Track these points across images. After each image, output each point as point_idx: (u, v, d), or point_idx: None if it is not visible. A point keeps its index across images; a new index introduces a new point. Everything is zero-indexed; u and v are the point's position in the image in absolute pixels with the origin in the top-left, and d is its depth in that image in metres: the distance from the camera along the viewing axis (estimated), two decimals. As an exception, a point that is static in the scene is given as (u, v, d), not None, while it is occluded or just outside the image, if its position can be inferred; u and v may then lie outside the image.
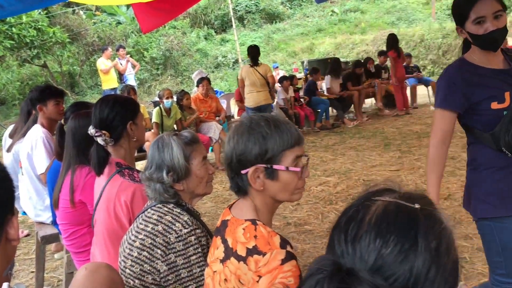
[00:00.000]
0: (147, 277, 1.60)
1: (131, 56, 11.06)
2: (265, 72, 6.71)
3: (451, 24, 14.05)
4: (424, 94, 10.16)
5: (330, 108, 8.98)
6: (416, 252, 0.68)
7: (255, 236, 1.22)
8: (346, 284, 0.65)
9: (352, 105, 9.14)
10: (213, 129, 6.51)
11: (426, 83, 9.93)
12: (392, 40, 8.80)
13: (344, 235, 0.72)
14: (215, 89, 9.91)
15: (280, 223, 4.14)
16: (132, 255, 1.63)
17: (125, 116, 2.02)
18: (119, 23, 17.99)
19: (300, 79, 10.35)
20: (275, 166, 1.26)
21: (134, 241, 1.64)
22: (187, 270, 1.59)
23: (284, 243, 1.20)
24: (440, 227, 0.71)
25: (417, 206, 0.71)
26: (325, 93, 9.11)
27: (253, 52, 6.82)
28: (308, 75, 9.22)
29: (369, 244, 0.69)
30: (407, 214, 0.70)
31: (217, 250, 1.31)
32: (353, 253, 0.70)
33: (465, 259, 3.08)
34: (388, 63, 9.43)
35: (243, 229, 1.25)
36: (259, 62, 6.81)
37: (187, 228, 1.61)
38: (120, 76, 10.04)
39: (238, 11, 19.36)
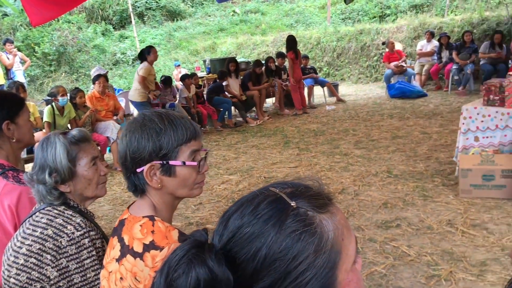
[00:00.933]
0: (35, 285, 1.49)
1: (19, 50, 10.24)
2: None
3: (345, 28, 14.88)
4: (320, 94, 10.65)
5: (232, 108, 9.08)
6: (263, 241, 0.67)
7: (153, 231, 1.20)
8: (199, 256, 0.65)
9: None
10: (111, 128, 6.26)
11: (322, 84, 10.42)
12: (291, 42, 9.09)
13: (222, 217, 0.73)
14: (114, 87, 9.54)
15: (182, 223, 4.10)
16: (17, 263, 1.51)
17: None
18: (5, 15, 16.57)
19: (202, 77, 10.32)
20: (171, 162, 1.24)
21: (20, 247, 1.52)
22: (80, 275, 1.51)
23: (182, 236, 1.19)
24: (307, 228, 0.68)
25: (292, 203, 0.70)
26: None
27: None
28: (217, 79, 9.20)
29: (232, 228, 0.69)
30: (277, 208, 0.69)
31: (113, 250, 1.26)
32: (221, 234, 0.70)
33: (357, 249, 3.27)
34: (287, 64, 9.74)
35: (140, 225, 1.22)
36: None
37: (80, 231, 1.53)
38: (7, 71, 9.25)
39: (138, 7, 18.79)
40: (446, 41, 10.55)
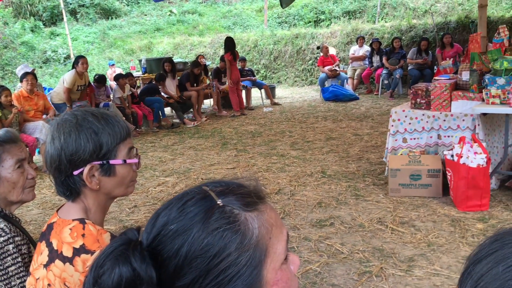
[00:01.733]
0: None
1: None
2: None
3: (281, 32, 15.13)
4: (257, 96, 10.75)
5: (169, 109, 8.96)
6: (186, 238, 0.67)
7: (83, 235, 1.15)
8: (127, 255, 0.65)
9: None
10: (40, 129, 5.97)
11: (259, 86, 10.53)
12: (229, 43, 9.12)
13: (154, 213, 0.72)
14: (43, 86, 9.10)
15: (116, 226, 3.98)
16: None
17: None
18: None
19: (137, 77, 10.10)
20: (111, 161, 1.21)
21: None
22: (4, 283, 1.43)
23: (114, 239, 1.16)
24: (230, 225, 0.68)
25: (219, 202, 0.70)
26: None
27: None
28: (154, 81, 9.03)
29: (159, 223, 0.69)
30: (205, 205, 0.69)
31: (40, 256, 1.20)
32: (151, 228, 0.70)
33: (293, 248, 3.34)
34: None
35: (70, 229, 1.17)
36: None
37: (3, 237, 1.45)
38: None
39: (70, 4, 18.07)
40: (378, 47, 11.02)
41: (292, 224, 3.75)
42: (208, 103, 10.54)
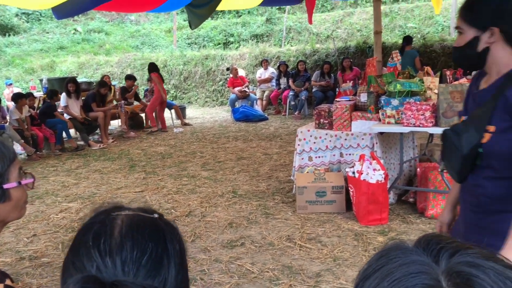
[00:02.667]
0: None
1: None
2: None
3: (191, 53, 15.15)
4: (167, 117, 10.61)
5: (73, 130, 8.53)
6: (168, 256, 0.71)
7: None
8: None
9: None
10: None
11: (169, 106, 10.41)
12: (154, 66, 9.72)
13: (98, 250, 0.70)
14: None
15: (11, 259, 3.67)
16: None
17: None
18: None
19: (38, 98, 9.51)
20: (5, 186, 1.12)
21: None
22: None
23: (3, 276, 1.06)
24: (177, 232, 0.76)
25: (156, 215, 0.75)
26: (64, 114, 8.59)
27: None
28: (46, 98, 8.55)
29: (127, 255, 0.69)
30: (152, 223, 0.73)
31: None
32: (113, 266, 0.68)
33: (204, 271, 3.29)
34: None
35: None
36: None
37: None
38: None
39: (-40, 17, 16.73)
40: (285, 69, 11.44)
41: (203, 247, 3.71)
42: (115, 123, 10.19)
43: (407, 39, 9.79)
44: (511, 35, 1.48)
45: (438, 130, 3.96)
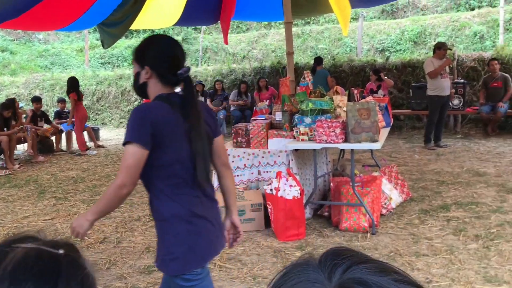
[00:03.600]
0: None
1: None
2: None
3: (104, 73, 14.69)
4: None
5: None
6: None
7: None
8: None
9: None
10: None
11: (82, 128, 9.98)
12: (73, 82, 9.11)
13: None
14: None
15: None
16: None
17: None
18: None
19: None
20: None
21: None
22: None
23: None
24: (82, 272, 0.70)
25: (61, 251, 0.69)
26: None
27: None
28: None
29: None
30: (49, 260, 0.67)
31: None
32: None
33: (120, 298, 3.15)
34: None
35: None
36: None
37: None
38: None
39: None
40: (201, 89, 11.44)
41: (119, 274, 3.55)
42: (21, 148, 9.55)
43: (318, 60, 10.22)
44: (162, 74, 1.85)
45: (348, 146, 4.15)
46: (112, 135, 11.93)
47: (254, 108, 9.97)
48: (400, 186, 5.01)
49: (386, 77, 9.63)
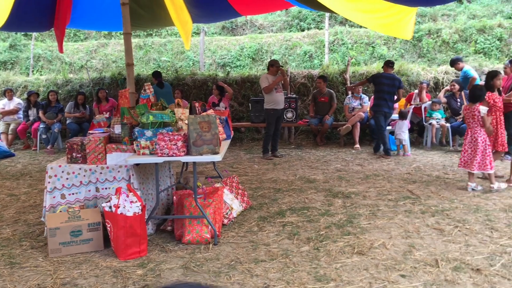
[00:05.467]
0: None
1: None
2: None
3: None
4: None
5: None
6: None
7: None
8: None
9: None
10: None
11: None
12: None
13: None
14: None
15: None
16: None
17: None
18: None
19: None
20: None
21: None
22: None
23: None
24: None
25: None
26: None
27: None
28: None
29: None
30: None
31: None
32: None
33: None
34: None
35: None
36: None
37: None
38: None
39: None
40: (35, 99, 10.50)
41: None
42: None
43: (155, 74, 10.04)
44: None
45: (189, 159, 4.17)
46: None
47: (92, 121, 9.51)
48: (241, 195, 5.21)
49: (225, 85, 9.97)
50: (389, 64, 8.41)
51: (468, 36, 13.35)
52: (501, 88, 6.71)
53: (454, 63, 9.28)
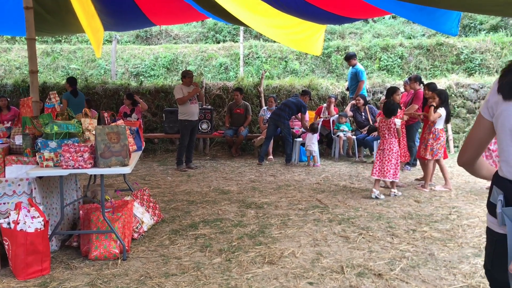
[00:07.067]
0: None
1: None
2: None
3: None
4: None
5: None
6: None
7: None
8: None
9: None
10: None
11: None
12: None
13: None
14: None
15: None
16: None
17: None
18: None
19: None
20: None
21: None
22: None
23: None
24: None
25: None
26: None
27: None
28: None
29: None
30: None
31: None
32: None
33: None
34: None
35: None
36: None
37: None
38: None
39: None
40: None
41: None
42: None
43: (71, 80, 9.63)
44: None
45: (97, 171, 4.02)
46: None
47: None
48: (152, 208, 5.10)
49: (141, 100, 9.77)
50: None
51: (373, 54, 14.25)
52: (400, 104, 7.26)
53: (349, 58, 10.12)
